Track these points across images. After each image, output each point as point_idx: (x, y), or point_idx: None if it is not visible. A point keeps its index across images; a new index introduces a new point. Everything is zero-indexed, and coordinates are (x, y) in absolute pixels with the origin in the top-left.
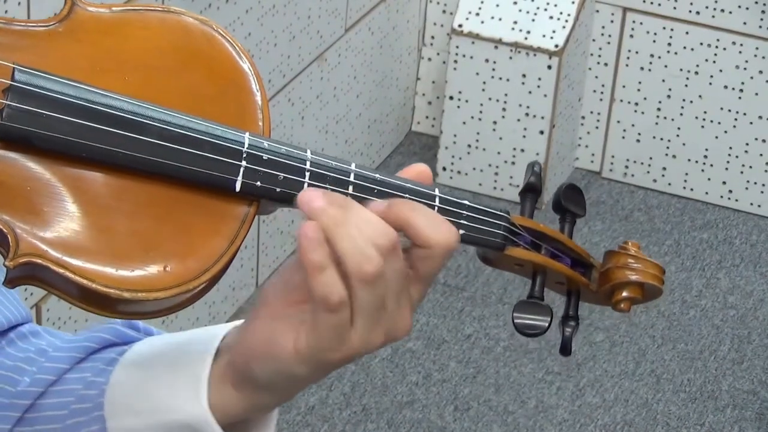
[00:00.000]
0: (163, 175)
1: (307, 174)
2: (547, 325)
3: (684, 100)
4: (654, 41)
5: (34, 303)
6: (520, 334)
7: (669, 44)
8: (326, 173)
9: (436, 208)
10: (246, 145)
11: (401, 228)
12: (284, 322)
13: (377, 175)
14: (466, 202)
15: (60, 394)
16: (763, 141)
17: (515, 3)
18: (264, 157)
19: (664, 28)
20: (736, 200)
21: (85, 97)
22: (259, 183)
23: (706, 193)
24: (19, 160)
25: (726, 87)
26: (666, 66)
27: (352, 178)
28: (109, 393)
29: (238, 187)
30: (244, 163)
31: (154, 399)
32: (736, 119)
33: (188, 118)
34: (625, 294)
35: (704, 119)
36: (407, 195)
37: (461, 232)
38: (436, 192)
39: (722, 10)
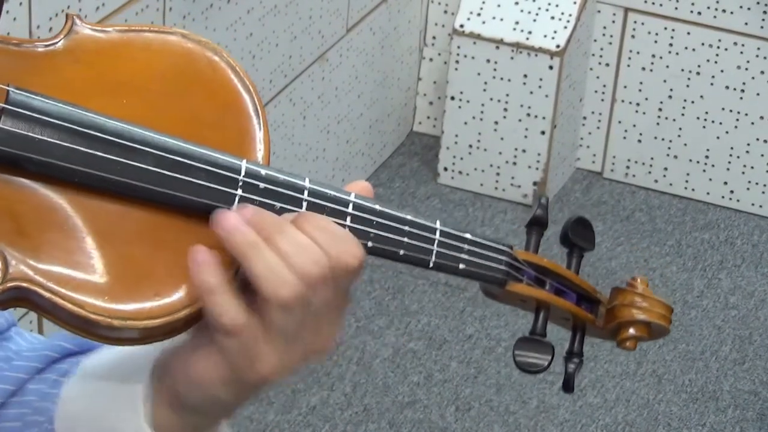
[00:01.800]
0: (158, 202)
1: (305, 204)
2: (546, 364)
3: (685, 100)
4: (655, 41)
5: None
6: (521, 371)
7: (670, 44)
8: (324, 203)
9: (437, 241)
10: (243, 173)
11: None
12: (205, 351)
13: (377, 207)
14: (468, 236)
15: (19, 405)
16: (765, 141)
17: (516, 3)
18: (261, 186)
19: (665, 28)
20: (738, 201)
21: (81, 121)
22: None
23: (708, 193)
24: (11, 184)
25: (727, 87)
26: (667, 66)
27: (350, 209)
28: (60, 408)
29: None
30: (239, 191)
31: (97, 414)
32: (737, 119)
33: (184, 144)
34: (631, 332)
35: (705, 119)
36: (406, 227)
37: (461, 266)
38: (438, 225)
39: (724, 11)
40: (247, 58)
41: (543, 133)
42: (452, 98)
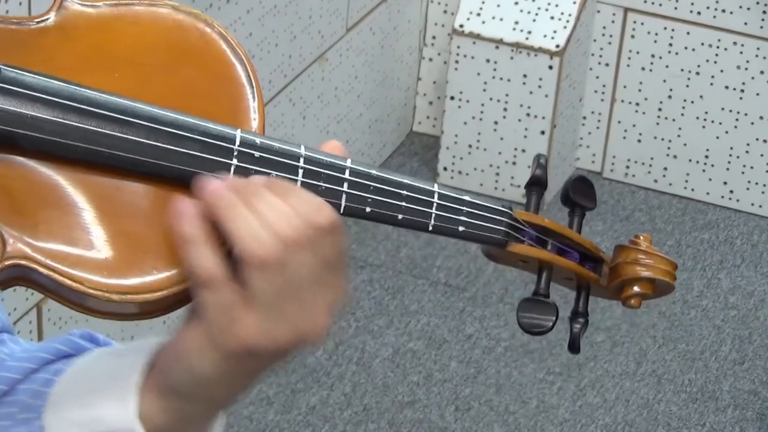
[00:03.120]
0: (154, 175)
1: (301, 171)
2: (551, 324)
3: (685, 100)
4: (655, 41)
5: (34, 303)
6: (525, 332)
7: (670, 44)
8: (320, 170)
9: (435, 204)
10: (237, 143)
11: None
12: (190, 321)
13: (373, 171)
14: (467, 198)
15: (9, 404)
16: (764, 141)
17: (516, 3)
18: (256, 155)
19: (665, 28)
20: (737, 200)
21: (73, 96)
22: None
23: (707, 193)
24: (6, 162)
25: (727, 87)
26: (667, 66)
27: (347, 175)
28: (49, 402)
29: None
30: (235, 161)
31: (87, 408)
32: (737, 119)
33: (177, 116)
34: (635, 289)
35: (705, 119)
36: (404, 191)
37: (461, 228)
38: (435, 188)
39: (723, 11)
40: None
41: (543, 133)
42: (452, 98)
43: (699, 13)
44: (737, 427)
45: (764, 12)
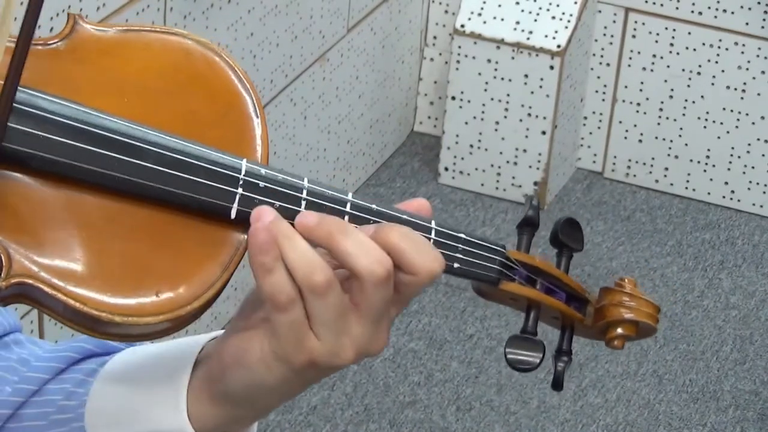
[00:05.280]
0: (159, 200)
1: (303, 203)
2: (538, 361)
3: (686, 100)
4: (656, 41)
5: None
6: (512, 368)
7: (671, 44)
8: (323, 203)
9: (432, 240)
10: (243, 172)
11: (389, 253)
12: (255, 331)
13: (374, 206)
14: (462, 236)
15: (41, 405)
16: (766, 141)
17: (517, 3)
18: (260, 185)
19: (666, 28)
20: (739, 201)
21: (84, 120)
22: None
23: (709, 193)
24: (15, 181)
25: (728, 87)
26: (668, 66)
27: (348, 209)
28: (90, 405)
29: (233, 215)
30: (240, 190)
31: (133, 411)
32: (738, 120)
33: (185, 143)
34: (619, 331)
35: (706, 120)
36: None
37: (456, 265)
38: (433, 225)
39: (724, 11)
40: (247, 57)
41: (544, 133)
42: (453, 98)
43: (700, 13)
44: (738, 428)
45: (765, 12)
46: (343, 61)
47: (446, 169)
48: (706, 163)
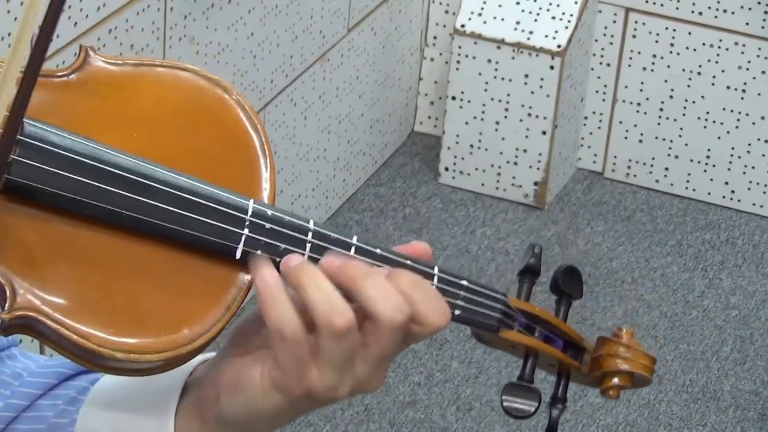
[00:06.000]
0: (165, 238)
1: (308, 246)
2: (533, 410)
3: (686, 100)
4: (656, 41)
5: None
6: (508, 416)
7: (671, 45)
8: (327, 246)
9: (434, 287)
10: (249, 213)
11: (348, 292)
12: (253, 357)
13: (378, 251)
14: (465, 283)
15: (32, 421)
16: (766, 141)
17: (518, 3)
18: (266, 227)
19: (666, 28)
20: (739, 201)
21: (93, 155)
22: (259, 252)
23: (709, 193)
24: (23, 214)
25: (728, 87)
26: (668, 66)
27: (352, 252)
28: (79, 426)
29: (238, 255)
30: (246, 231)
31: None
32: (738, 120)
33: (193, 182)
34: (614, 381)
35: (707, 120)
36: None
37: (457, 312)
38: (435, 271)
39: (725, 11)
40: (248, 57)
41: (544, 133)
42: (453, 98)
43: (700, 13)
44: (738, 428)
45: (766, 12)
46: (344, 61)
47: (446, 169)
48: (707, 163)
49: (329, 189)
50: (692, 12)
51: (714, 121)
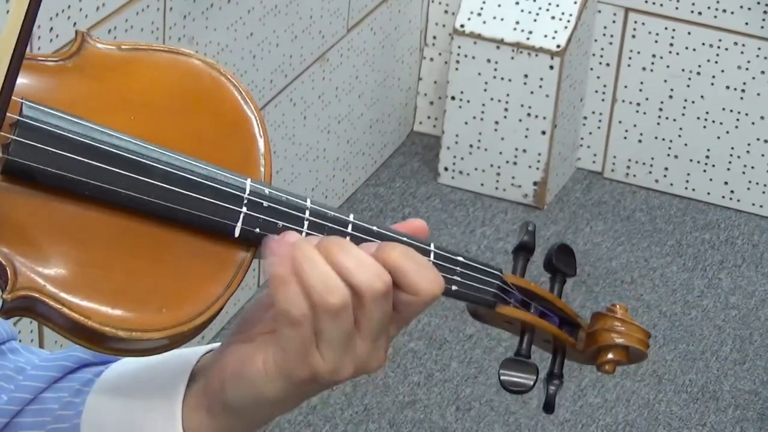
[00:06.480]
0: (164, 217)
1: (306, 223)
2: (532, 383)
3: (686, 100)
4: (656, 41)
5: None
6: (506, 390)
7: (671, 44)
8: (324, 223)
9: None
10: (247, 192)
11: (389, 271)
12: (256, 343)
13: (374, 227)
14: (461, 258)
15: (36, 413)
16: (765, 141)
17: (517, 3)
18: (264, 205)
19: (666, 28)
20: (738, 201)
21: (91, 136)
22: (258, 230)
23: (708, 193)
24: (22, 195)
25: (728, 87)
26: (668, 66)
27: (349, 229)
28: (86, 416)
29: (236, 233)
30: (244, 209)
31: (129, 424)
32: (737, 120)
33: (191, 162)
34: (610, 356)
35: (706, 119)
36: None
37: (453, 287)
38: (432, 247)
39: (724, 11)
40: (247, 57)
41: (543, 133)
42: (453, 98)
43: (700, 13)
44: (738, 427)
45: (765, 12)
46: (343, 61)
47: (446, 169)
48: (706, 163)
49: (329, 189)
50: (692, 12)
51: (713, 121)
